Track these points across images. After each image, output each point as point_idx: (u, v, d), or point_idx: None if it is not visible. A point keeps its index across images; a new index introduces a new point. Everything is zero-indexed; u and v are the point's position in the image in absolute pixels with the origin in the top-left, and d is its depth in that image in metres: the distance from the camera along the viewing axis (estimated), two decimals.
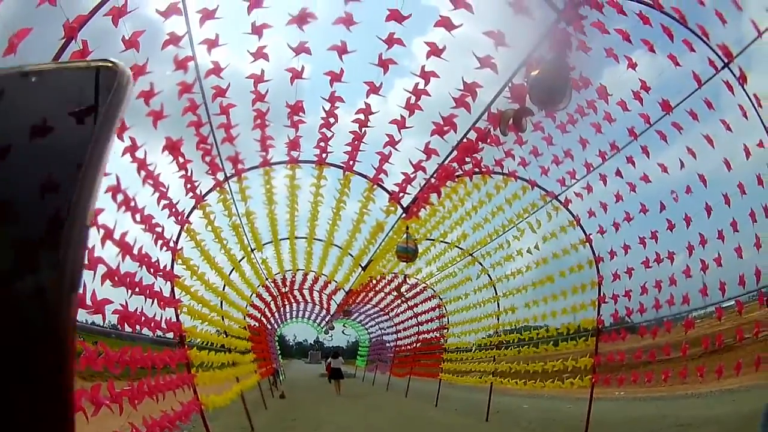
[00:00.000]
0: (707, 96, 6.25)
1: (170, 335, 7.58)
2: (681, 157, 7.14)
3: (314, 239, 11.59)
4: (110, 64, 0.70)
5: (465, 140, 6.21)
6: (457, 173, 7.73)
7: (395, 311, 22.54)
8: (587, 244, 9.53)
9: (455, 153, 6.56)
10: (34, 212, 0.64)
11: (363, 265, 11.78)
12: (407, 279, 12.23)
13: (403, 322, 22.60)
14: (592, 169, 8.21)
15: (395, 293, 17.74)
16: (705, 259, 7.54)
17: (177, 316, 7.77)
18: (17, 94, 0.68)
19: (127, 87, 0.69)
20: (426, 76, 5.25)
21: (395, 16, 4.63)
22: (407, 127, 6.08)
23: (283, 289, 19.20)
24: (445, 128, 5.89)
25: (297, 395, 21.34)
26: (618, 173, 8.01)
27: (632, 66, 6.14)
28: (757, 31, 5.45)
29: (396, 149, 6.71)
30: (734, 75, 5.88)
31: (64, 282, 0.63)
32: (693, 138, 6.96)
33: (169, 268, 7.42)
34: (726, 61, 5.83)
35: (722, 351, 11.55)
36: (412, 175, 7.12)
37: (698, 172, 7.19)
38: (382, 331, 28.16)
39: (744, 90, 5.94)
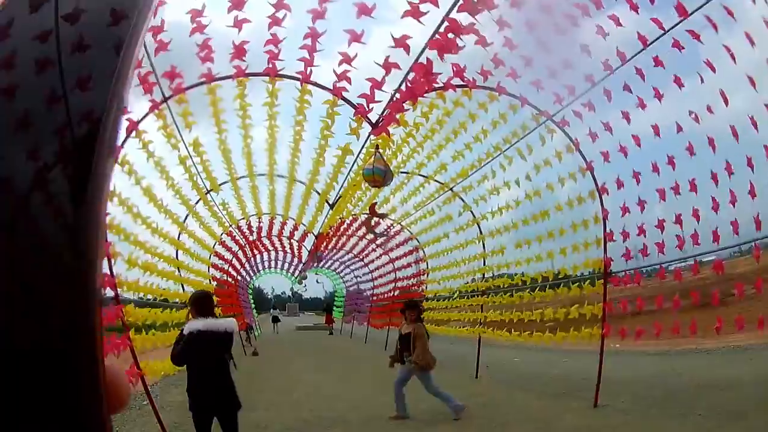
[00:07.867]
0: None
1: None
2: None
3: (275, 176, 10.43)
4: None
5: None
6: (435, 84, 6.55)
7: (370, 257, 21.86)
8: (588, 172, 8.28)
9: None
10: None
11: (330, 202, 10.56)
12: (375, 211, 10.50)
13: (378, 268, 21.89)
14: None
15: (367, 231, 16.29)
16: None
17: (110, 266, 6.65)
18: None
19: None
20: None
21: None
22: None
23: (251, 237, 18.07)
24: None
25: (271, 352, 20.50)
26: (626, 88, 6.87)
27: None
28: None
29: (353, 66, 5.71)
30: None
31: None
32: None
33: None
34: None
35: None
36: (381, 80, 5.87)
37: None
38: (358, 279, 27.51)
39: None
